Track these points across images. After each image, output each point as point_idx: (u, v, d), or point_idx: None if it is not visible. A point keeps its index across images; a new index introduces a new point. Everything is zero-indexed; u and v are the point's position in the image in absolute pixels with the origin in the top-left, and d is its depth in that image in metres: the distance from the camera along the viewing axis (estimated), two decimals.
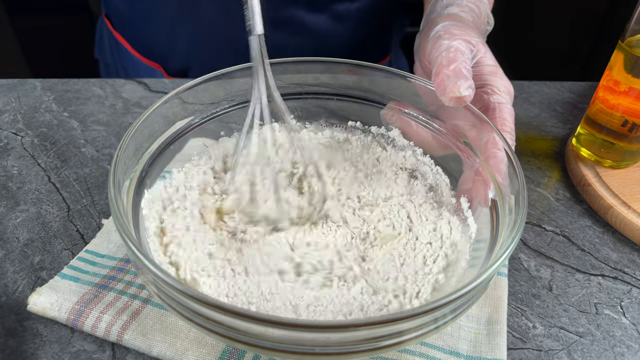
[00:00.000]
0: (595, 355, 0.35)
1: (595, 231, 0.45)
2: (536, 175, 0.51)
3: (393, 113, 0.44)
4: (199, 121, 0.41)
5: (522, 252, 0.43)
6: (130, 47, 0.71)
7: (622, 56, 0.45)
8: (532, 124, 0.59)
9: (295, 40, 0.65)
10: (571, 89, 0.67)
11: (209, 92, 0.41)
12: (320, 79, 0.44)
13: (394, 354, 0.33)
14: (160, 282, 0.26)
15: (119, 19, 0.71)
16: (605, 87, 0.47)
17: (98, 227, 0.42)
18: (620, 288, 0.40)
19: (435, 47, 0.38)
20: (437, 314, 0.25)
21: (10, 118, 0.55)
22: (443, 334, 0.35)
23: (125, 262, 0.38)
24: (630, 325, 0.37)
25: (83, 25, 1.43)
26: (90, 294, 0.35)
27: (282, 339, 0.25)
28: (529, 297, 0.39)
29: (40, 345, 0.33)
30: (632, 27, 0.44)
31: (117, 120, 0.56)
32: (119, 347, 0.34)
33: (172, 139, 0.39)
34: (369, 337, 0.25)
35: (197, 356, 0.32)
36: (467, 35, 0.38)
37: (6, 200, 0.45)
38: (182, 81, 0.64)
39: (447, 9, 0.45)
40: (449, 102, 0.35)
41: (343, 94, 0.45)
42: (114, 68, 0.76)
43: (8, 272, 0.38)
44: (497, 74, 0.39)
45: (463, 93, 0.34)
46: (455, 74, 0.35)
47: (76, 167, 0.49)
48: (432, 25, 0.41)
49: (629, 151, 0.48)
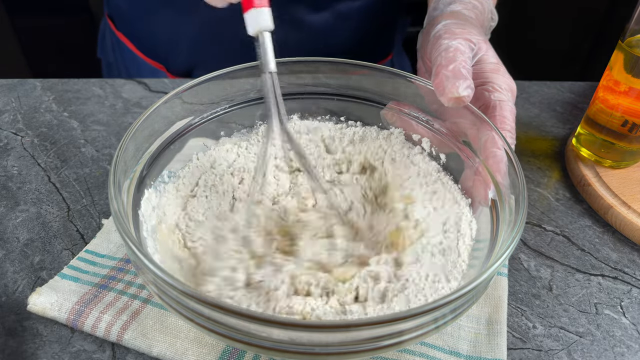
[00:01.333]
0: (595, 355, 0.35)
1: (595, 231, 0.45)
2: (536, 175, 0.51)
3: (393, 113, 0.44)
4: (199, 121, 0.41)
5: (522, 252, 0.43)
6: (134, 47, 0.71)
7: (622, 56, 0.45)
8: (532, 124, 0.59)
9: (297, 39, 0.65)
10: (571, 89, 0.67)
11: (209, 92, 0.41)
12: (320, 79, 0.44)
13: (394, 354, 0.33)
14: (160, 282, 0.26)
15: (122, 19, 0.71)
16: (605, 87, 0.47)
17: (98, 227, 0.42)
18: (620, 288, 0.40)
19: (435, 47, 0.38)
20: (437, 314, 0.26)
21: (10, 118, 0.55)
22: (443, 334, 0.35)
23: (125, 262, 0.38)
24: (630, 325, 0.37)
25: (83, 25, 1.43)
26: (90, 294, 0.35)
27: (282, 339, 0.25)
28: (529, 297, 0.39)
29: (40, 345, 0.33)
30: (632, 27, 0.44)
31: (117, 120, 0.56)
32: (119, 347, 0.34)
33: (172, 139, 0.39)
34: (369, 337, 0.25)
35: (197, 356, 0.32)
36: (468, 33, 0.38)
37: (6, 200, 0.45)
38: (182, 81, 0.64)
39: (449, 7, 0.44)
40: (448, 102, 0.35)
41: (343, 94, 0.45)
42: (115, 68, 0.76)
43: (8, 272, 0.38)
44: (499, 72, 0.39)
45: (461, 93, 0.34)
46: (454, 74, 0.35)
47: (76, 167, 0.49)
48: (434, 23, 0.41)
49: (629, 151, 0.48)
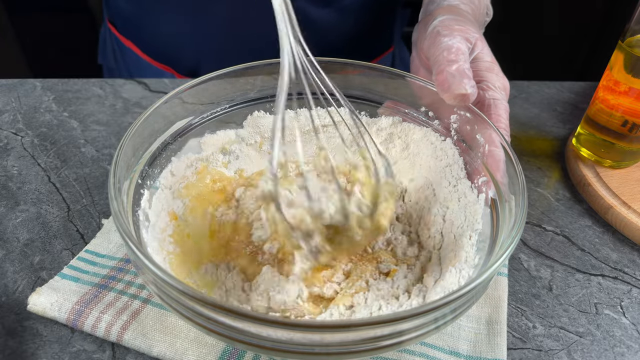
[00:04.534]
0: (595, 355, 0.35)
1: (595, 231, 0.45)
2: (536, 175, 0.51)
3: (390, 112, 0.44)
4: (199, 121, 0.41)
5: (522, 252, 0.43)
6: (138, 50, 0.70)
7: (622, 56, 0.45)
8: (532, 124, 0.59)
9: None
10: (571, 89, 0.67)
11: (209, 92, 0.41)
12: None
13: (394, 354, 0.33)
14: (160, 282, 0.26)
15: (125, 22, 0.70)
16: (605, 87, 0.47)
17: (98, 227, 0.42)
18: (620, 288, 0.40)
19: (435, 44, 0.38)
20: (437, 314, 0.25)
21: (10, 118, 0.55)
22: (443, 334, 0.35)
23: (125, 262, 0.38)
24: (630, 325, 0.37)
25: (83, 25, 1.43)
26: (90, 294, 0.35)
27: (282, 339, 0.25)
28: (529, 297, 0.39)
29: (40, 345, 0.33)
30: (632, 27, 0.44)
31: (117, 120, 0.56)
32: (119, 347, 0.34)
33: (172, 139, 0.39)
34: (369, 337, 0.25)
35: (197, 356, 0.32)
36: (465, 31, 0.38)
37: (6, 200, 0.45)
38: (182, 81, 0.64)
39: (446, 0, 0.44)
40: (453, 100, 0.35)
41: (343, 94, 0.45)
42: (118, 73, 0.75)
43: (8, 272, 0.38)
44: (494, 71, 0.39)
45: (468, 90, 0.35)
46: (460, 73, 0.35)
47: (76, 167, 0.49)
48: (430, 18, 0.41)
49: (629, 151, 0.48)
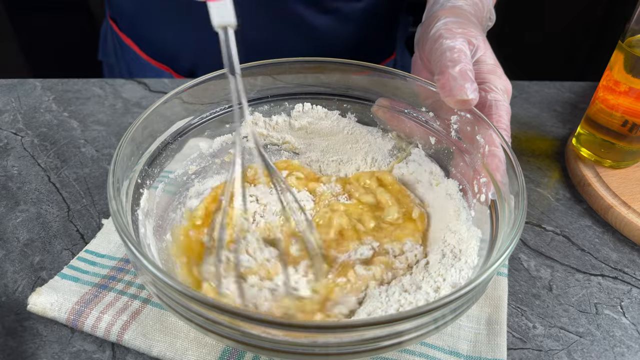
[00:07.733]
0: (595, 355, 0.35)
1: (595, 231, 0.45)
2: (536, 175, 0.51)
3: (384, 110, 0.44)
4: (199, 121, 0.41)
5: (522, 252, 0.43)
6: (138, 48, 0.71)
7: (622, 56, 0.45)
8: (532, 124, 0.59)
9: (300, 40, 0.64)
10: (571, 89, 0.67)
11: (209, 92, 0.41)
12: (320, 79, 0.44)
13: (394, 354, 0.33)
14: (159, 283, 0.26)
15: (126, 20, 0.70)
16: (605, 87, 0.47)
17: (98, 227, 0.42)
18: (620, 288, 0.40)
19: (437, 46, 0.38)
20: (437, 314, 0.25)
21: (10, 118, 0.55)
22: (443, 334, 0.35)
23: (125, 262, 0.38)
24: (630, 325, 0.37)
25: (83, 25, 1.43)
26: (90, 294, 0.35)
27: (282, 339, 0.25)
28: (529, 297, 0.39)
29: (40, 345, 0.33)
30: (632, 27, 0.44)
31: (117, 120, 0.56)
32: (119, 347, 0.34)
33: (172, 139, 0.39)
34: (369, 337, 0.25)
35: (197, 356, 0.32)
36: (468, 33, 0.38)
37: (6, 200, 0.45)
38: (182, 81, 0.64)
39: (450, 1, 0.44)
40: (455, 104, 0.35)
41: (343, 94, 0.45)
42: (117, 70, 0.76)
43: (8, 272, 0.38)
44: (496, 73, 0.39)
45: (470, 96, 0.34)
46: (462, 75, 0.35)
47: (76, 167, 0.49)
48: (433, 19, 0.41)
49: (629, 151, 0.48)
